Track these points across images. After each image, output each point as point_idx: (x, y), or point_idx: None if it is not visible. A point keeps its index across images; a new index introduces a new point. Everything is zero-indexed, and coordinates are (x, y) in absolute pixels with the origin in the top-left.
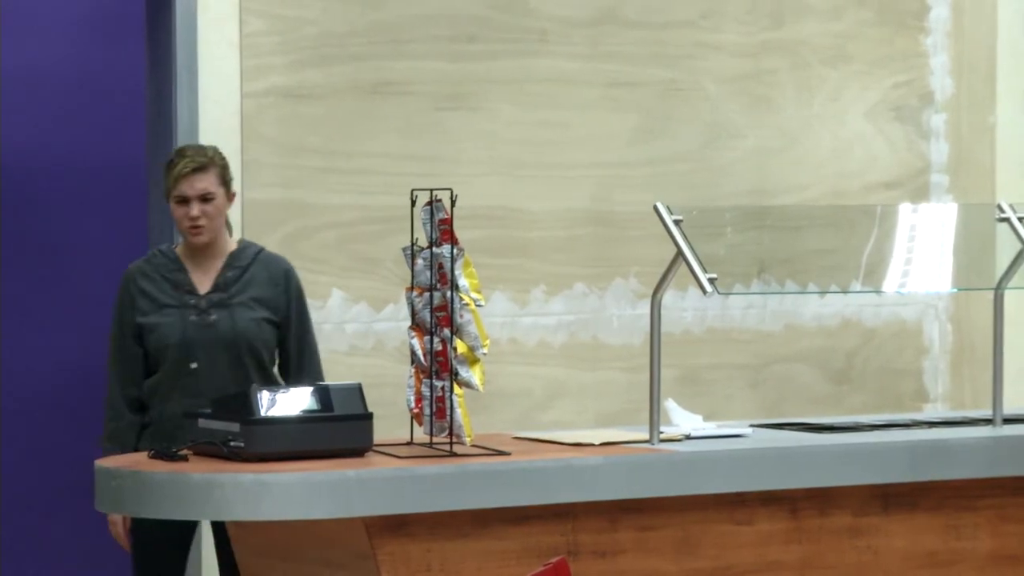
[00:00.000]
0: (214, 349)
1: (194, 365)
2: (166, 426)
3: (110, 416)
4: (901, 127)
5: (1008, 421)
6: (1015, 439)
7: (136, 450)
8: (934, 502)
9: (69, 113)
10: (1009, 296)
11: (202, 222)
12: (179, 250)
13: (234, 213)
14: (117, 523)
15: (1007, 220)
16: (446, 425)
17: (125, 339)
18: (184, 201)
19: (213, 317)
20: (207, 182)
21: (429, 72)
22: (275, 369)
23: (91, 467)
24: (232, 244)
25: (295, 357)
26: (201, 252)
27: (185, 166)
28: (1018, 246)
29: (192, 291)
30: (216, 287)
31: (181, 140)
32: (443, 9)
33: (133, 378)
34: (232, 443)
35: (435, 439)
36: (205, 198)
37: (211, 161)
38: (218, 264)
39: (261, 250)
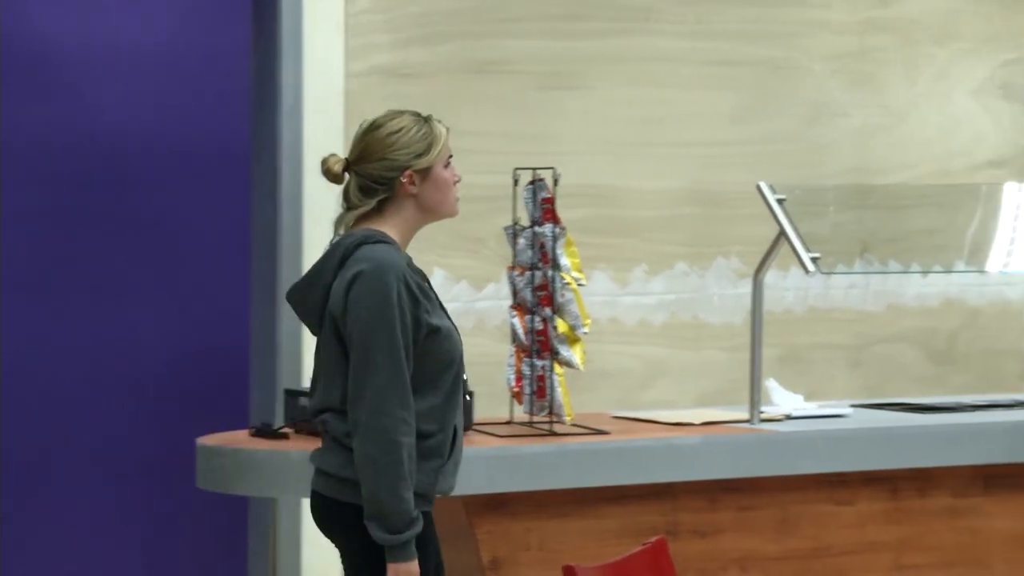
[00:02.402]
0: None
1: (466, 377)
2: (452, 466)
3: (407, 454)
4: (1008, 105)
5: None
6: None
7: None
8: None
9: (171, 92)
10: None
11: None
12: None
13: (336, 191)
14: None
15: None
16: (546, 404)
17: (407, 348)
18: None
19: None
20: None
21: (532, 51)
22: None
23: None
24: None
25: None
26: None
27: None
28: None
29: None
30: None
31: (285, 119)
32: None
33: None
34: None
35: (535, 418)
36: None
37: None
38: None
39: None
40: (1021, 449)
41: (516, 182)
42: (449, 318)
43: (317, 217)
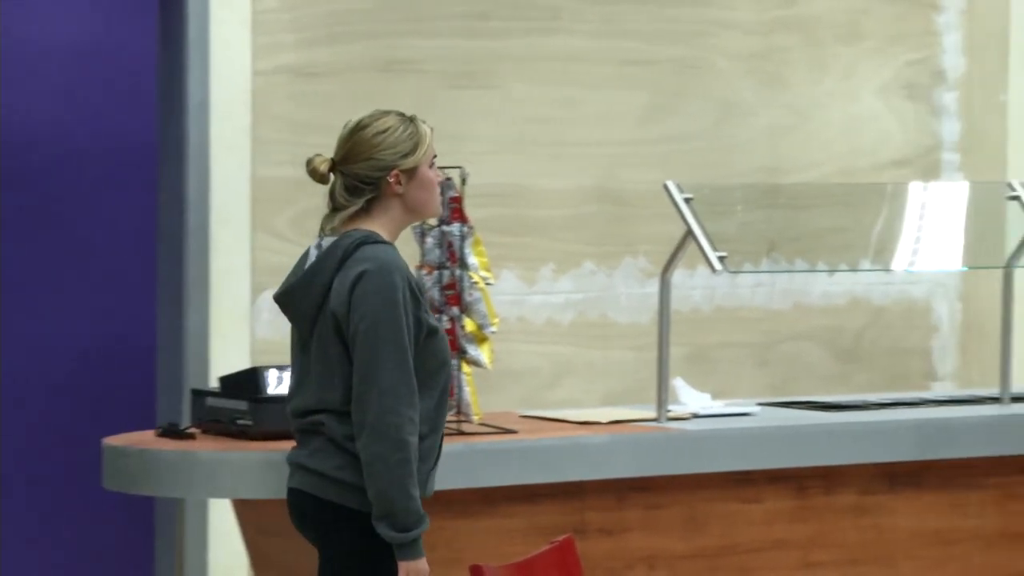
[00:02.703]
0: None
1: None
2: (437, 463)
3: (414, 454)
4: (913, 105)
5: (1016, 399)
6: (1023, 418)
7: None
8: (940, 480)
9: (78, 91)
10: (1018, 275)
11: None
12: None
13: (244, 191)
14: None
15: (1017, 198)
16: (454, 403)
17: (409, 348)
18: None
19: None
20: None
21: (441, 50)
22: None
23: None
24: None
25: None
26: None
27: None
28: None
29: None
30: None
31: (191, 118)
32: None
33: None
34: (240, 421)
35: None
36: None
37: None
38: None
39: None
40: (926, 447)
41: None
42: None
43: (224, 217)
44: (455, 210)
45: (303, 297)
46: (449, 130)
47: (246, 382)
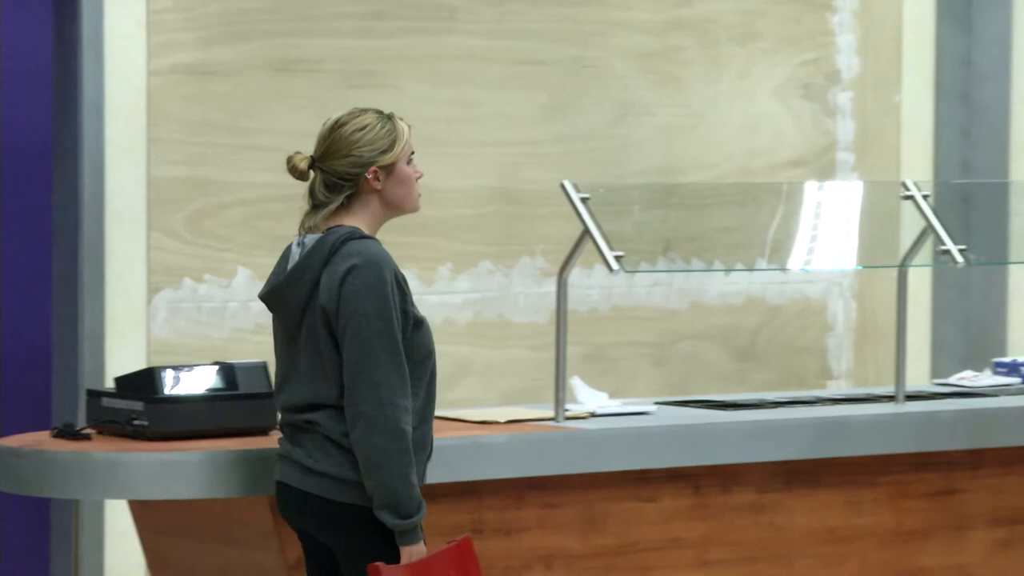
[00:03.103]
0: None
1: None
2: (431, 454)
3: (409, 444)
4: (808, 105)
5: (910, 398)
6: (917, 416)
7: None
8: (836, 478)
9: None
10: (913, 274)
11: None
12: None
13: (139, 191)
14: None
15: (911, 198)
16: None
17: (400, 340)
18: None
19: None
20: None
21: (337, 50)
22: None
23: None
24: None
25: None
26: None
27: (405, 123)
28: (922, 224)
29: None
30: None
31: (86, 117)
32: None
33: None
34: (136, 422)
35: None
36: None
37: None
38: None
39: None
40: (822, 445)
41: None
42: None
43: (119, 216)
44: None
45: (291, 294)
46: None
47: (142, 382)
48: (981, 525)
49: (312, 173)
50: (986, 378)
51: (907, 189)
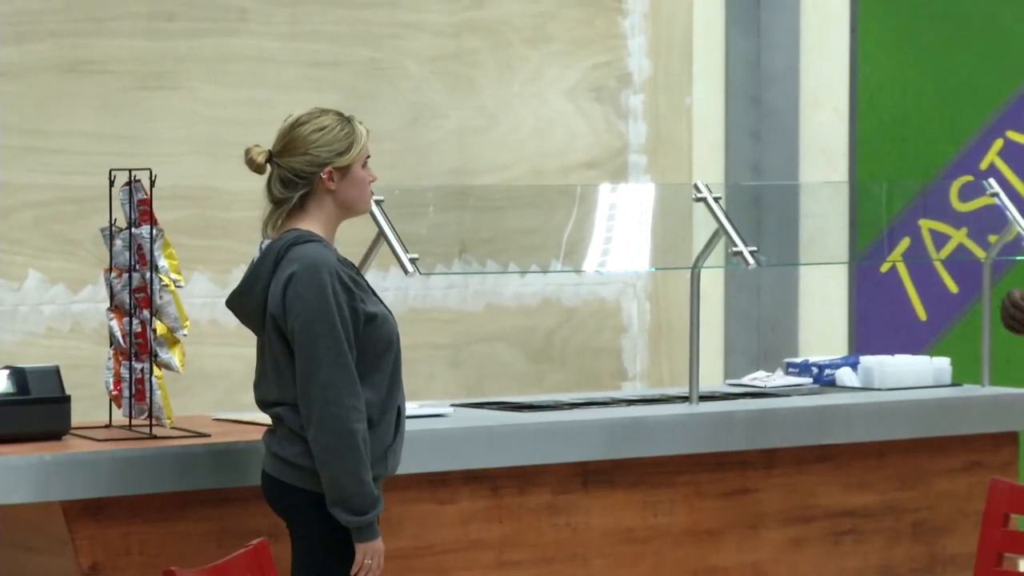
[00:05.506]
0: None
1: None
2: (399, 444)
3: (362, 440)
4: (600, 107)
5: (704, 398)
6: (711, 416)
7: None
8: (632, 479)
9: None
10: (705, 275)
11: None
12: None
13: None
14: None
15: (703, 200)
16: (145, 407)
17: (349, 340)
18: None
19: None
20: None
21: (128, 50)
22: None
23: None
24: None
25: None
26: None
27: (364, 127)
28: (713, 226)
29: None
30: None
31: None
32: None
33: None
34: None
35: (134, 421)
36: None
37: None
38: None
39: None
40: (618, 446)
41: (112, 183)
42: (383, 304)
43: None
44: (144, 212)
45: (247, 302)
46: (136, 131)
47: None
48: (774, 524)
49: (269, 168)
50: (778, 378)
51: (699, 191)
